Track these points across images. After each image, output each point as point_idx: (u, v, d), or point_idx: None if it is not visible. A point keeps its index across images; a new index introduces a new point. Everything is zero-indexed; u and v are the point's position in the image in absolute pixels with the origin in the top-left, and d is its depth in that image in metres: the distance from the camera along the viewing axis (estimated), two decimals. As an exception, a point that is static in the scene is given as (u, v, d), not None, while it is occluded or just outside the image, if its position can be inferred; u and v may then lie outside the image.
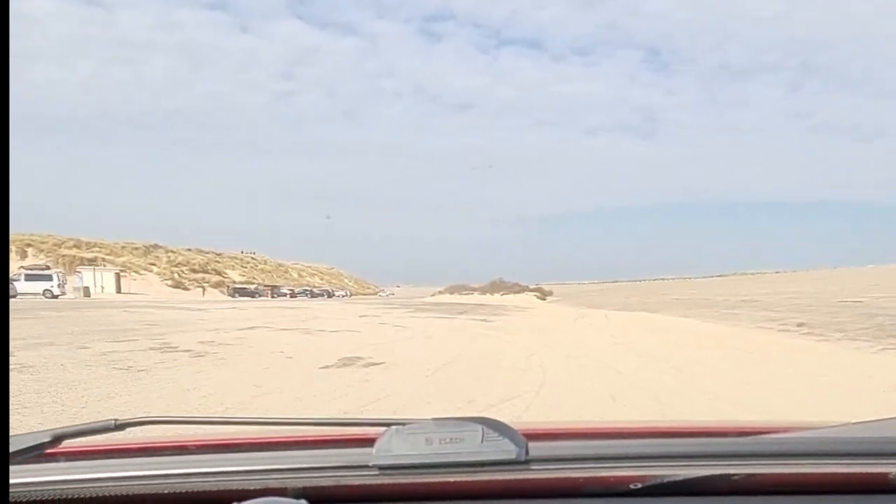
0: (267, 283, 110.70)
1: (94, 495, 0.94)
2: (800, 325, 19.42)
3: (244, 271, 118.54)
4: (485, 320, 30.55)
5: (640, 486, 0.93)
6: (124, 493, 0.94)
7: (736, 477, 0.94)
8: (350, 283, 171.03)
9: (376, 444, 0.96)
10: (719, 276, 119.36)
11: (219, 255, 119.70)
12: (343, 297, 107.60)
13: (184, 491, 0.94)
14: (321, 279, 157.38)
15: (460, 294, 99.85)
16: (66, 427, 1.11)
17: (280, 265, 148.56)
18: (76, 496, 0.94)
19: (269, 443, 1.28)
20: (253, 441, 1.29)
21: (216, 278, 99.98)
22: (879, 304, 23.23)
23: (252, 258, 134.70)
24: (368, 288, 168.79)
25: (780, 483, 0.95)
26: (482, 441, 0.94)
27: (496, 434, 0.94)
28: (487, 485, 0.94)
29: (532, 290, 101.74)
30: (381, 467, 0.93)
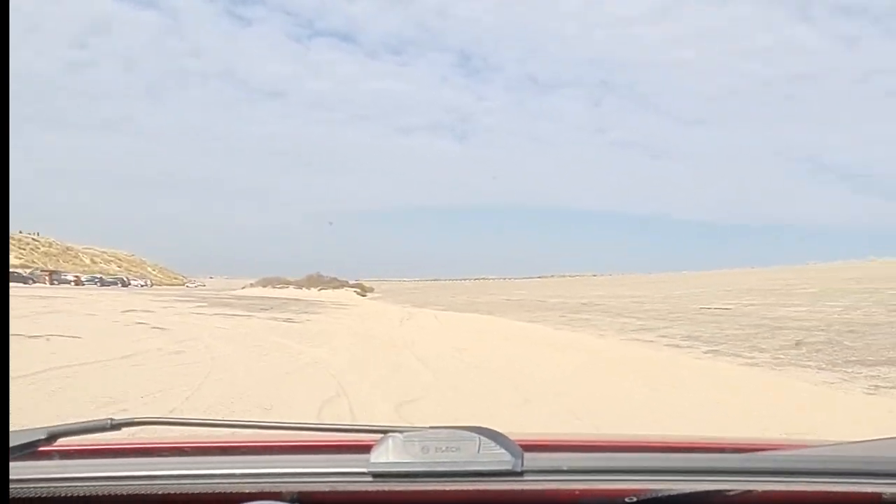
0: (51, 267, 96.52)
1: (88, 494, 0.93)
2: (687, 337, 15.36)
3: (21, 254, 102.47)
4: (290, 320, 24.51)
5: (635, 499, 0.93)
6: (118, 492, 0.93)
7: (732, 493, 0.94)
8: (154, 273, 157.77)
9: (372, 451, 0.95)
10: (539, 276, 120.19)
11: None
12: (141, 286, 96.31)
13: (179, 493, 0.93)
14: (118, 266, 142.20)
15: (274, 287, 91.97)
16: (62, 425, 1.10)
17: (69, 249, 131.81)
18: (70, 494, 0.93)
19: (265, 447, 1.27)
20: (249, 444, 1.29)
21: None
22: (755, 311, 19.98)
23: (34, 240, 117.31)
24: (176, 278, 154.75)
25: (774, 500, 0.95)
26: (478, 450, 0.93)
27: (493, 444, 0.94)
28: (482, 495, 0.93)
29: (352, 286, 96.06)
30: (376, 474, 0.93)
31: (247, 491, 0.92)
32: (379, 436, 0.99)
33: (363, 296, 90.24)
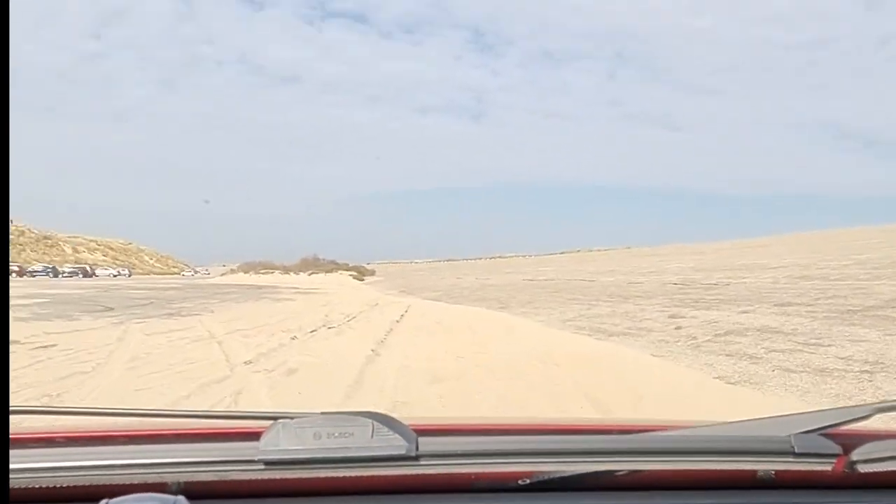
0: (19, 258, 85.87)
1: None
2: None
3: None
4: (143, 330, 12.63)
5: (528, 481, 0.95)
6: None
7: (619, 473, 0.98)
8: (151, 261, 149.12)
9: (262, 438, 0.93)
10: (560, 252, 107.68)
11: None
12: (114, 276, 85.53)
13: (52, 486, 0.88)
14: (105, 255, 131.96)
15: (256, 273, 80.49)
16: None
17: (46, 237, 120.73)
18: None
19: (146, 435, 1.20)
20: (129, 434, 1.21)
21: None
22: None
23: None
24: (175, 267, 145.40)
25: (660, 479, 0.99)
26: (372, 436, 0.92)
27: (386, 429, 0.93)
28: (377, 480, 0.93)
29: (349, 269, 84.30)
30: (267, 462, 0.91)
31: (128, 482, 0.86)
32: (269, 422, 0.96)
33: (360, 279, 78.88)
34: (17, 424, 1.22)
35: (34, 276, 70.95)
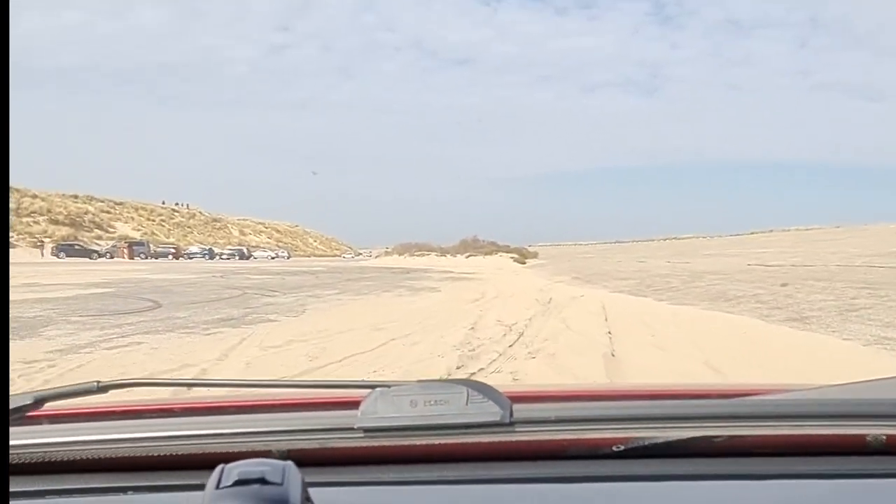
0: (177, 241, 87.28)
1: (79, 458, 0.92)
2: None
3: (149, 225, 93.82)
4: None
5: (622, 447, 0.94)
6: (109, 455, 0.92)
7: (718, 439, 0.95)
8: (316, 244, 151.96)
9: (361, 407, 0.94)
10: (748, 233, 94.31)
11: (118, 204, 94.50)
12: (271, 258, 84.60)
13: (169, 454, 0.92)
14: (270, 237, 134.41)
15: (411, 255, 75.24)
16: (49, 389, 1.09)
17: (216, 220, 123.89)
18: (60, 458, 0.92)
19: (253, 406, 1.26)
20: (237, 404, 1.29)
21: (93, 233, 75.64)
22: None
23: (173, 210, 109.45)
24: (337, 249, 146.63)
25: (760, 445, 0.96)
26: (467, 403, 0.92)
27: (481, 396, 0.92)
28: (472, 447, 0.94)
29: (510, 252, 76.99)
30: (366, 429, 0.92)
31: (236, 451, 0.89)
32: (367, 391, 0.97)
33: (521, 262, 71.46)
34: (142, 396, 1.32)
35: (191, 257, 70.05)
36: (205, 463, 0.85)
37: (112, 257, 59.22)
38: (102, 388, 1.10)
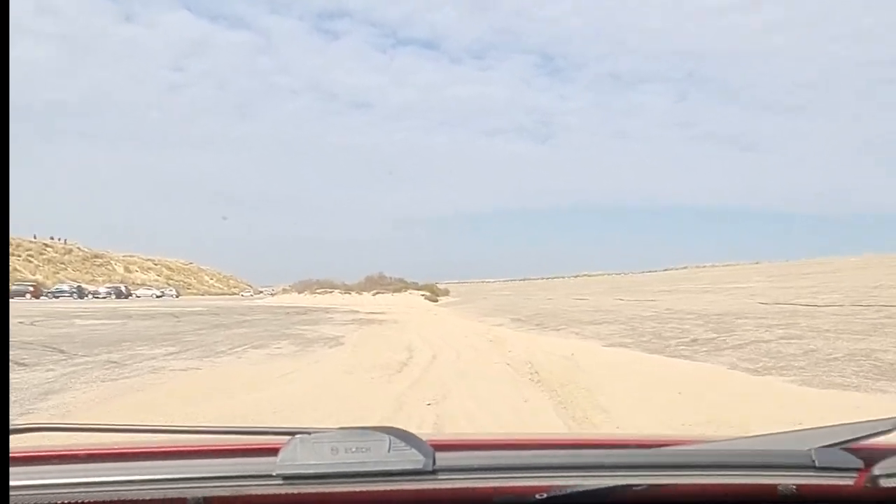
0: (55, 277, 77.53)
1: None
2: None
3: (12, 261, 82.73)
4: None
5: (545, 496, 0.94)
6: None
7: (638, 487, 0.96)
8: (212, 281, 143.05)
9: (280, 454, 0.93)
10: (645, 271, 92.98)
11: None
12: (157, 296, 76.62)
13: (73, 502, 0.88)
14: (159, 275, 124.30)
15: (312, 292, 68.29)
16: None
17: (97, 256, 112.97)
18: None
19: (168, 451, 1.19)
20: (150, 450, 1.20)
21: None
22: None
23: (45, 245, 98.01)
24: (235, 286, 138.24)
25: (680, 494, 0.98)
26: (389, 450, 0.92)
27: (403, 444, 0.93)
28: (394, 494, 0.93)
29: (419, 288, 71.36)
30: (285, 477, 0.91)
31: (149, 498, 0.88)
32: (286, 438, 0.96)
33: (434, 300, 66.02)
34: (39, 442, 1.26)
35: (56, 297, 60.69)
36: None
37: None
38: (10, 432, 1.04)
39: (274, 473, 0.90)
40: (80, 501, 0.87)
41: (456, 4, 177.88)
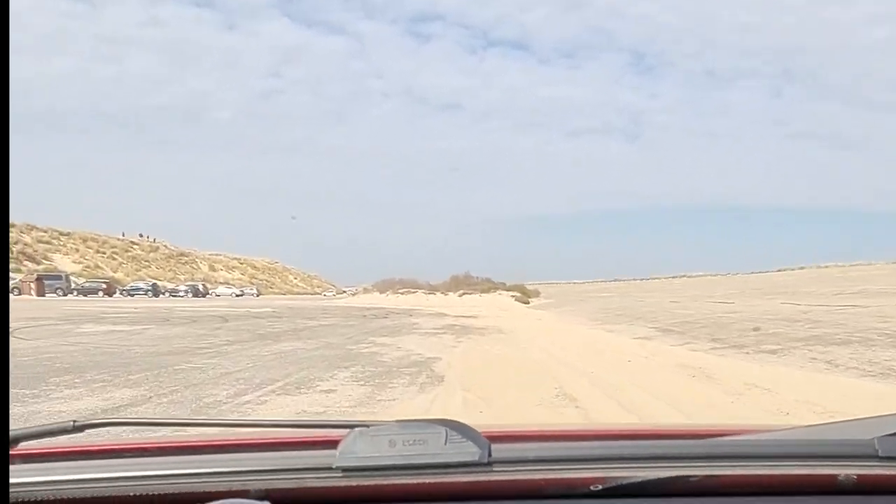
0: (136, 274, 76.29)
1: (52, 498, 0.90)
2: None
3: (96, 258, 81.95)
4: None
5: (600, 487, 0.94)
6: (82, 496, 0.91)
7: (694, 478, 0.95)
8: (296, 281, 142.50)
9: (340, 446, 0.95)
10: (738, 272, 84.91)
11: (64, 234, 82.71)
12: (237, 295, 74.28)
13: (144, 494, 0.91)
14: (244, 273, 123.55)
15: (394, 292, 63.62)
16: (24, 428, 1.07)
17: (183, 254, 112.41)
18: (33, 499, 0.90)
19: (230, 445, 1.23)
20: (214, 443, 1.25)
21: (21, 265, 63.89)
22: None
23: (132, 243, 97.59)
24: (319, 286, 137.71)
25: (736, 484, 0.97)
26: (445, 443, 0.93)
27: (459, 436, 0.94)
28: (450, 486, 0.94)
29: (508, 289, 65.67)
30: (344, 469, 0.92)
31: (213, 490, 0.89)
32: (346, 431, 0.97)
33: (526, 302, 60.30)
34: (116, 436, 1.31)
35: (132, 294, 58.26)
36: (180, 503, 0.86)
37: (20, 293, 47.29)
38: (78, 428, 1.08)
39: (333, 466, 0.91)
40: (151, 493, 0.89)
41: (551, 3, 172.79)
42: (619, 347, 13.36)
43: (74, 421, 1.08)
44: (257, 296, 79.62)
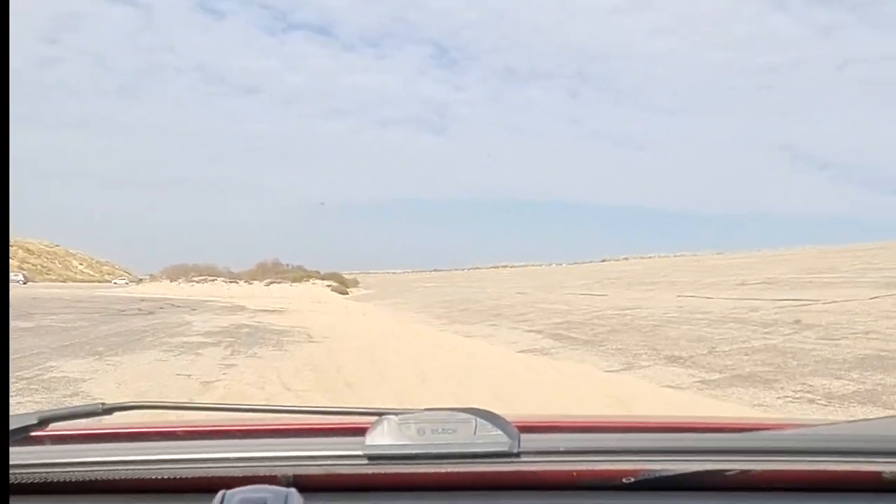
0: None
1: (81, 479, 0.92)
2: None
3: None
4: None
5: (632, 480, 0.92)
6: (111, 477, 0.92)
7: (729, 473, 0.94)
8: (81, 267, 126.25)
9: (368, 434, 0.95)
10: (550, 264, 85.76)
11: None
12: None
13: (172, 477, 0.92)
14: (13, 257, 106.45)
15: (188, 281, 54.76)
16: (53, 410, 1.10)
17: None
18: (62, 480, 0.92)
19: (259, 430, 1.25)
20: (243, 428, 1.27)
21: None
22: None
23: None
24: (109, 274, 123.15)
25: (773, 480, 0.95)
26: (475, 432, 0.93)
27: (489, 425, 0.93)
28: (479, 476, 0.93)
29: (323, 278, 59.07)
30: (372, 457, 0.92)
31: (241, 475, 0.89)
32: (374, 418, 0.97)
33: (343, 293, 54.09)
34: (143, 419, 1.32)
35: None
36: (208, 487, 0.85)
37: None
38: (107, 410, 1.09)
39: (361, 453, 0.91)
40: (179, 476, 0.90)
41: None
42: (513, 373, 7.76)
43: (103, 403, 1.09)
44: (24, 283, 67.14)
